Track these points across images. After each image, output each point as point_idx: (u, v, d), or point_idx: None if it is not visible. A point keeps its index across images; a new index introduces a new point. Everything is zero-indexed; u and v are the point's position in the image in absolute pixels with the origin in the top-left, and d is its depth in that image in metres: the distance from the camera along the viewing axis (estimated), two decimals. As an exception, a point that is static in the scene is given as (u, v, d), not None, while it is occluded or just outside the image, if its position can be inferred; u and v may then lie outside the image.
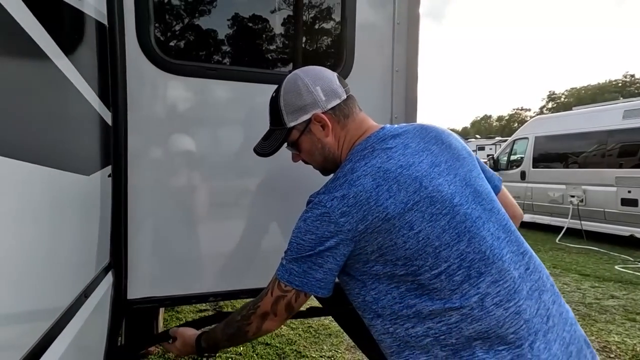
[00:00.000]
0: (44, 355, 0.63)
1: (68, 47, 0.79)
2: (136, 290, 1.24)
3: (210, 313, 3.70)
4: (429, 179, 0.84)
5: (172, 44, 1.41)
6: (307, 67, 1.01)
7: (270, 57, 1.58)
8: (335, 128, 0.97)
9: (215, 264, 1.38)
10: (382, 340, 0.90)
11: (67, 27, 0.82)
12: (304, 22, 1.64)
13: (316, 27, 1.65)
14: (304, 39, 1.62)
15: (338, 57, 1.49)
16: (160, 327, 3.10)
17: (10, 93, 0.55)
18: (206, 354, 1.07)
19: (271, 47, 1.59)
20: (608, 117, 6.78)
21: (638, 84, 42.07)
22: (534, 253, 0.92)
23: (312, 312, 1.81)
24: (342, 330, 3.07)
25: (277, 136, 1.01)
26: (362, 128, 0.98)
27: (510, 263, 0.84)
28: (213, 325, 1.07)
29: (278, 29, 1.59)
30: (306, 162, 1.07)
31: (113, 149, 1.14)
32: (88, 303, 0.90)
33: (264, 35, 1.58)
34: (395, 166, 0.85)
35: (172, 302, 1.33)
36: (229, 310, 3.73)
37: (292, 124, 0.98)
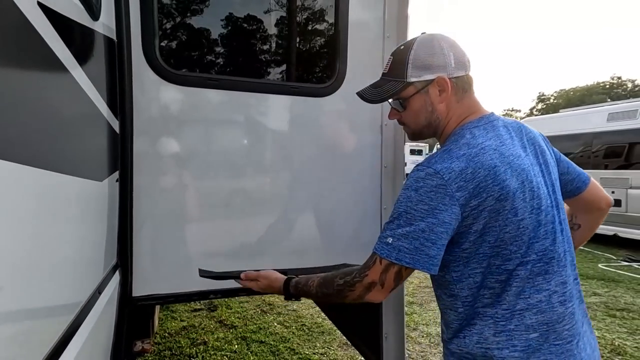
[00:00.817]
0: (70, 342, 0.71)
1: (82, 61, 0.87)
2: (141, 288, 1.31)
3: (205, 312, 3.77)
4: (532, 175, 0.89)
5: (175, 56, 1.49)
6: (443, 34, 0.99)
7: (265, 69, 1.67)
8: (451, 98, 0.96)
9: (216, 263, 1.45)
10: (445, 313, 0.96)
11: (81, 42, 0.89)
12: (298, 36, 1.73)
13: (310, 41, 1.74)
14: (297, 52, 1.71)
15: (331, 69, 1.58)
16: (156, 326, 3.17)
17: (38, 112, 0.63)
18: (292, 299, 1.10)
19: (267, 59, 1.68)
20: (593, 120, 6.98)
21: (625, 86, 42.93)
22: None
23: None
24: (334, 327, 3.16)
25: (390, 87, 0.98)
26: (475, 107, 0.98)
27: (570, 270, 0.93)
28: (304, 276, 1.07)
29: (273, 43, 1.68)
30: (401, 123, 1.05)
31: (120, 155, 1.21)
32: (101, 299, 0.97)
33: (259, 48, 1.67)
34: (508, 152, 0.88)
35: (175, 299, 1.40)
36: (223, 308, 3.80)
37: (412, 80, 0.95)
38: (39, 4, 0.56)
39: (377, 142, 1.63)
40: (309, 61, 1.76)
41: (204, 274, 1.23)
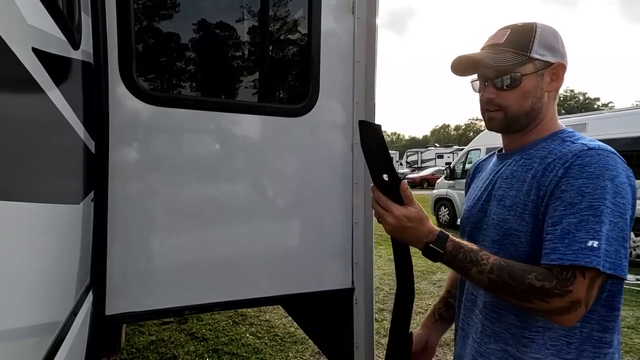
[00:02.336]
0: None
1: (63, 89, 0.89)
2: (115, 306, 1.31)
3: (174, 325, 3.69)
4: None
5: (151, 77, 1.51)
6: None
7: (241, 89, 1.72)
8: (554, 93, 0.90)
9: (190, 280, 1.48)
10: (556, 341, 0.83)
11: (62, 72, 0.92)
12: (273, 60, 1.80)
13: (284, 65, 1.82)
14: (272, 75, 1.78)
15: (305, 91, 1.65)
16: (123, 342, 3.07)
17: (19, 144, 0.65)
18: (438, 257, 0.83)
19: (243, 81, 1.73)
20: (548, 132, 7.45)
21: (577, 98, 46.12)
22: None
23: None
24: (307, 337, 3.20)
25: (510, 57, 0.86)
26: (556, 117, 0.93)
27: None
28: (469, 244, 0.84)
29: (249, 65, 1.74)
30: (494, 105, 0.90)
31: (96, 175, 1.22)
32: (76, 321, 0.98)
33: (236, 70, 1.72)
34: None
35: (150, 316, 1.41)
36: (193, 320, 3.74)
37: (535, 56, 0.85)
38: (33, 49, 0.59)
39: (349, 159, 1.72)
40: (283, 83, 1.83)
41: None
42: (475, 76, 0.95)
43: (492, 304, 0.89)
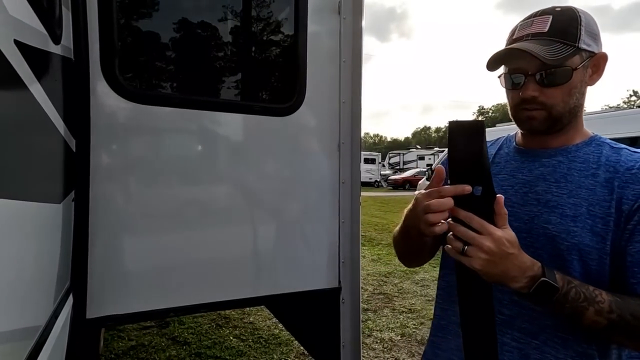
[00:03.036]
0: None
1: (45, 85, 0.86)
2: (96, 310, 1.28)
3: (155, 329, 3.61)
4: None
5: (134, 74, 1.48)
6: None
7: (226, 88, 1.71)
8: (588, 88, 0.80)
9: (174, 281, 1.45)
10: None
11: (43, 67, 0.89)
12: (260, 59, 1.79)
13: (271, 64, 1.81)
14: (259, 74, 1.77)
15: (291, 90, 1.65)
16: (101, 347, 2.98)
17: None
18: (546, 298, 0.66)
19: (228, 80, 1.72)
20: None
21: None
22: None
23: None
24: (292, 338, 3.19)
25: (560, 49, 0.74)
26: None
27: None
28: (581, 283, 0.70)
29: (235, 64, 1.72)
30: (536, 104, 0.78)
31: (77, 174, 1.19)
32: (56, 325, 0.95)
33: (222, 68, 1.70)
34: None
35: (132, 319, 1.38)
36: (175, 324, 3.67)
37: (583, 46, 0.75)
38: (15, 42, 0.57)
39: (335, 159, 1.72)
40: (269, 82, 1.83)
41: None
42: (502, 69, 0.83)
43: (554, 327, 0.75)
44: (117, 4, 1.31)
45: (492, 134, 0.92)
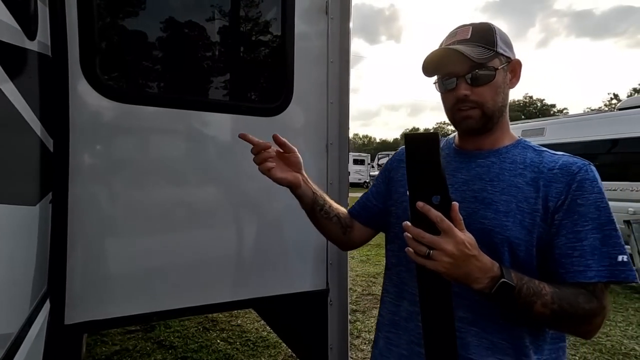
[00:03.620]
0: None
1: (18, 82, 0.83)
2: (75, 315, 1.23)
3: (140, 333, 3.53)
4: None
5: (116, 73, 1.44)
6: None
7: (211, 87, 1.68)
8: (509, 92, 0.89)
9: (158, 284, 1.41)
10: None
11: (13, 57, 0.85)
12: (246, 56, 1.76)
13: (257, 62, 1.79)
14: (245, 73, 1.74)
15: (279, 90, 1.63)
16: (83, 353, 2.90)
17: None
18: (503, 294, 0.70)
19: (213, 79, 1.69)
20: (510, 136, 7.83)
21: (535, 105, 48.76)
22: None
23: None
24: (279, 341, 3.16)
25: (482, 51, 0.83)
26: None
27: None
28: (529, 279, 0.74)
29: (220, 62, 1.69)
30: (468, 102, 0.85)
31: (55, 175, 1.14)
32: (32, 331, 0.91)
33: (205, 66, 1.67)
34: None
35: (114, 324, 1.34)
36: (160, 328, 3.60)
37: (500, 51, 0.84)
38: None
39: (323, 160, 1.71)
40: (256, 82, 1.80)
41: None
42: (436, 76, 0.90)
43: (490, 314, 0.81)
44: None
45: None
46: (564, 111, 45.24)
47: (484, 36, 0.85)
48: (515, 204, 0.81)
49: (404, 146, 1.03)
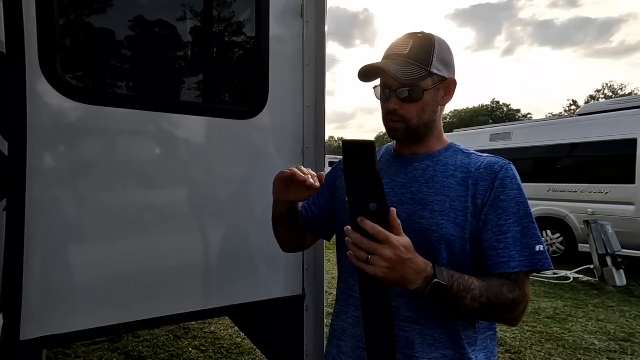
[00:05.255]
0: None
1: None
2: (32, 330, 1.15)
3: (106, 344, 3.37)
4: None
5: (80, 72, 1.36)
6: None
7: (183, 88, 1.62)
8: (444, 107, 0.95)
9: (126, 294, 1.34)
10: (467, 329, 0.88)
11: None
12: (218, 56, 1.72)
13: (232, 64, 1.75)
14: (218, 75, 1.70)
15: (253, 93, 1.60)
16: (44, 368, 2.72)
17: None
18: (436, 293, 0.74)
19: (184, 79, 1.63)
20: (479, 139, 8.12)
21: (502, 109, 50.82)
22: None
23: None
24: (254, 347, 3.10)
25: (414, 71, 0.87)
26: None
27: None
28: (460, 275, 0.78)
29: (192, 61, 1.64)
30: (397, 115, 0.90)
31: (9, 181, 1.06)
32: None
33: (177, 67, 1.62)
34: None
35: (78, 337, 1.26)
36: (128, 338, 3.45)
37: (434, 71, 0.88)
38: None
39: (299, 163, 1.69)
40: (230, 84, 1.76)
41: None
42: (377, 82, 0.94)
43: (431, 311, 0.86)
44: (60, -6, 1.20)
45: (451, 138, 1.01)
46: (529, 116, 47.38)
47: (421, 54, 0.88)
48: (449, 204, 0.86)
49: None
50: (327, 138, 1.86)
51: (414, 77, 0.86)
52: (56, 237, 1.22)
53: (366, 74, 0.91)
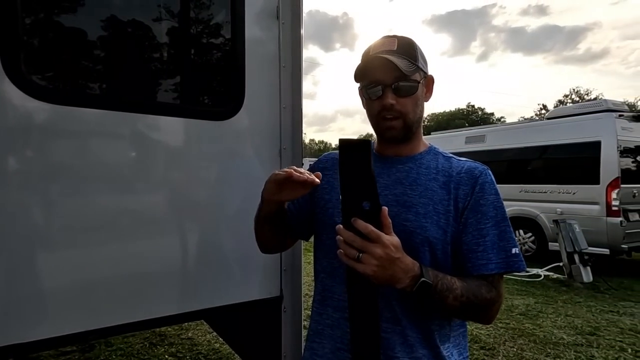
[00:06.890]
0: None
1: None
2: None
3: (77, 354, 3.23)
4: None
5: (46, 70, 1.31)
6: None
7: (156, 88, 1.59)
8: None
9: (95, 299, 1.30)
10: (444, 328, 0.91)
11: None
12: (193, 56, 1.70)
13: (206, 65, 1.73)
14: (193, 75, 1.68)
15: (229, 93, 1.59)
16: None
17: None
18: (423, 292, 0.76)
19: (159, 79, 1.61)
20: (455, 142, 8.33)
21: (477, 113, 52.33)
22: None
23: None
24: (233, 352, 3.06)
25: (407, 64, 0.87)
26: None
27: None
28: (443, 275, 0.81)
29: (167, 61, 1.62)
30: (394, 111, 0.89)
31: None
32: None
33: (151, 66, 1.59)
34: None
35: (44, 346, 1.21)
36: (101, 346, 3.33)
37: (420, 66, 0.90)
38: None
39: (277, 165, 1.69)
40: (205, 84, 1.74)
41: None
42: (360, 84, 0.94)
43: (411, 311, 0.86)
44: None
45: (429, 141, 1.02)
46: (502, 119, 48.98)
47: (408, 50, 0.90)
48: (432, 206, 0.87)
49: (326, 153, 1.08)
50: (307, 141, 1.88)
51: (409, 69, 0.87)
52: (21, 242, 1.17)
53: (363, 70, 0.90)
